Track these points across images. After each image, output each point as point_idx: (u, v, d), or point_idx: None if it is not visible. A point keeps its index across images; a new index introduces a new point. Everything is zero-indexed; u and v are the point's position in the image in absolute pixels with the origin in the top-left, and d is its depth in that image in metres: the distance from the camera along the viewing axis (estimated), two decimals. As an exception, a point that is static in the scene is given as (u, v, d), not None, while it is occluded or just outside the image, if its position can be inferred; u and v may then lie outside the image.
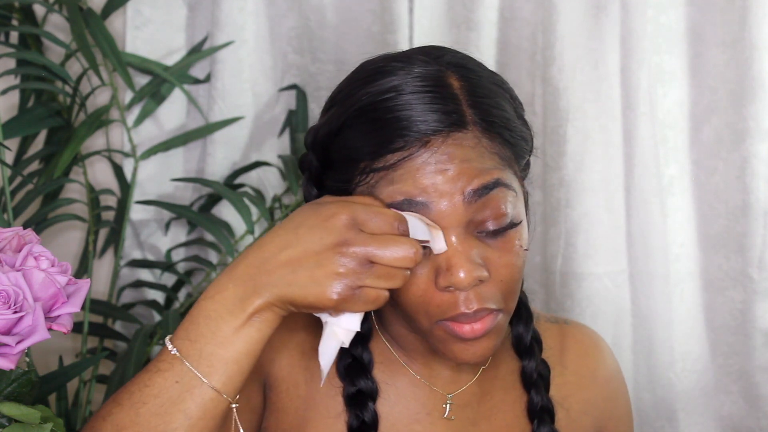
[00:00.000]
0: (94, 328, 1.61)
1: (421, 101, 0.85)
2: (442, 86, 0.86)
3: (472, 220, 0.85)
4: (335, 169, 0.89)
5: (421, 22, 1.68)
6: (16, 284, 0.81)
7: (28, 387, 0.88)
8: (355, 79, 0.90)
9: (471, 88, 0.88)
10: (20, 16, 1.60)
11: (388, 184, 0.85)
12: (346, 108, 0.88)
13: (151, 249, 1.78)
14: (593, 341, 1.08)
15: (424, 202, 0.84)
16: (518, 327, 1.02)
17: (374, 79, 0.87)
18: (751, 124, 1.61)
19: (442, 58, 0.90)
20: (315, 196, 0.93)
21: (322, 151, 0.91)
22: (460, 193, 0.84)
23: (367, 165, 0.86)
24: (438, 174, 0.84)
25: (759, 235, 1.62)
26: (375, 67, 0.89)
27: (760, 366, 1.64)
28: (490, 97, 0.88)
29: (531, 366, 1.00)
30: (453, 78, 0.88)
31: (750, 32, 1.59)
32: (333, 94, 0.93)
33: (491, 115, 0.87)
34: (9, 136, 1.51)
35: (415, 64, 0.88)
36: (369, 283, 0.79)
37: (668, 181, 1.67)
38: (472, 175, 0.84)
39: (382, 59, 0.91)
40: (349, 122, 0.87)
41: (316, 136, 0.92)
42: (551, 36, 1.62)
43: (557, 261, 1.66)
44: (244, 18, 1.70)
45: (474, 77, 0.89)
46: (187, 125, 1.77)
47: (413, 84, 0.86)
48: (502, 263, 0.87)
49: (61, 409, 1.47)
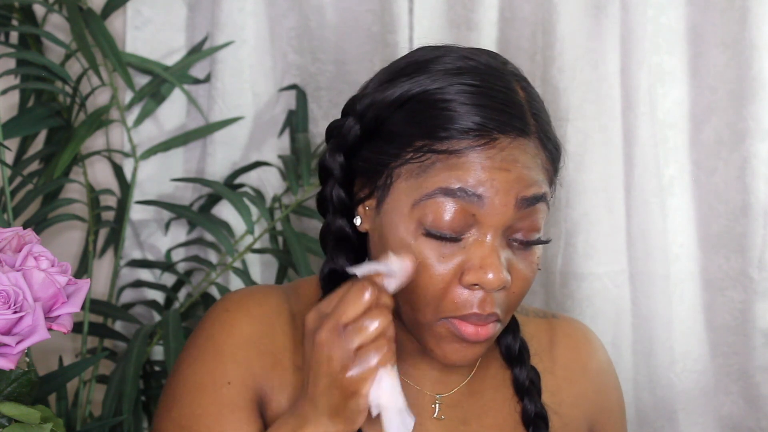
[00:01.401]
0: (94, 328, 1.61)
1: (495, 99, 0.87)
2: (511, 90, 0.89)
3: (512, 226, 0.87)
4: (383, 139, 0.89)
5: (421, 22, 1.68)
6: (16, 284, 0.81)
7: (28, 387, 0.88)
8: (423, 59, 0.91)
9: (531, 101, 0.90)
10: (20, 16, 1.60)
11: (447, 169, 0.85)
12: (416, 84, 0.88)
13: (151, 249, 1.78)
14: (583, 334, 1.08)
15: (480, 195, 0.85)
16: (507, 337, 1.01)
17: (447, 63, 0.89)
18: (751, 124, 1.61)
19: (507, 65, 0.92)
20: (340, 164, 0.93)
21: (374, 120, 0.90)
22: (513, 196, 0.86)
23: (426, 144, 0.86)
24: (500, 171, 0.85)
25: (759, 235, 1.62)
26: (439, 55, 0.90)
27: (760, 366, 1.64)
28: (544, 112, 0.92)
29: (523, 374, 1.00)
30: (518, 86, 0.90)
31: (750, 32, 1.59)
32: (394, 68, 0.92)
33: (547, 131, 0.90)
34: (9, 136, 1.51)
35: (488, 63, 0.90)
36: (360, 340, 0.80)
37: (668, 181, 1.67)
38: (530, 182, 0.86)
39: (446, 48, 0.92)
40: (417, 98, 0.87)
41: (370, 103, 0.91)
42: (551, 36, 1.62)
43: (557, 261, 1.66)
44: (244, 18, 1.70)
45: (532, 91, 0.92)
46: (187, 125, 1.77)
47: (487, 81, 0.88)
48: (521, 276, 0.89)
49: (61, 409, 1.47)
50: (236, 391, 0.92)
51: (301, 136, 1.68)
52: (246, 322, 0.95)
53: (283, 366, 0.95)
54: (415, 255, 0.86)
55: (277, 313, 0.97)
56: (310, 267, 1.54)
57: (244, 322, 0.95)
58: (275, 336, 0.96)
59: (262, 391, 0.94)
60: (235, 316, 0.96)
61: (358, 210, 0.93)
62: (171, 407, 0.94)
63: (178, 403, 0.93)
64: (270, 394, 0.94)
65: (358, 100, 0.93)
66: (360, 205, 0.93)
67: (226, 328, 0.95)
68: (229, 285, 1.68)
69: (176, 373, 0.96)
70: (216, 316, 0.97)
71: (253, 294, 1.00)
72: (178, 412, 0.93)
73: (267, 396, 0.94)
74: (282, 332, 0.96)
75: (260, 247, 1.66)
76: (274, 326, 0.96)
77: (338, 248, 0.95)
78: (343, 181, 0.93)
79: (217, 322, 0.96)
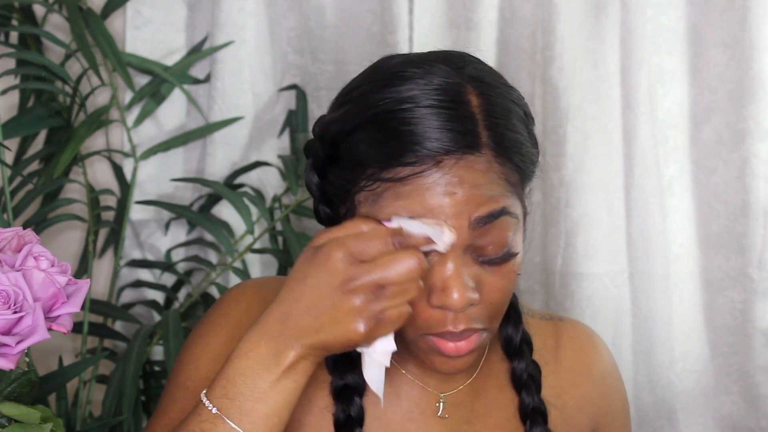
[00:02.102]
0: (94, 328, 1.61)
1: (438, 118, 0.84)
2: (460, 103, 0.85)
3: (473, 244, 0.86)
4: (341, 167, 0.89)
5: (421, 22, 1.68)
6: (16, 284, 0.81)
7: (28, 387, 0.88)
8: (372, 80, 0.89)
9: (488, 107, 0.87)
10: (20, 16, 1.60)
11: (394, 198, 0.84)
12: (360, 110, 0.87)
13: (150, 249, 1.78)
14: (588, 337, 1.08)
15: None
16: (507, 328, 1.01)
17: (392, 84, 0.86)
18: (751, 124, 1.61)
19: (463, 70, 0.89)
20: (316, 184, 0.93)
21: (331, 146, 0.90)
22: (466, 218, 0.84)
23: (375, 172, 0.85)
24: (446, 196, 0.83)
25: (759, 235, 1.62)
26: (394, 71, 0.88)
27: (760, 366, 1.64)
28: (506, 117, 0.87)
29: (521, 367, 1.00)
30: (472, 94, 0.87)
31: (750, 32, 1.59)
32: (348, 89, 0.91)
33: (505, 139, 0.86)
34: (9, 136, 1.51)
35: (435, 73, 0.87)
36: (387, 306, 0.81)
37: (668, 181, 1.67)
38: (480, 201, 0.84)
39: (402, 62, 0.90)
40: (362, 126, 0.86)
41: (325, 129, 0.91)
42: (551, 36, 1.62)
43: (557, 261, 1.66)
44: (244, 18, 1.70)
45: (492, 94, 0.88)
46: (187, 125, 1.77)
47: (431, 97, 0.85)
48: (495, 288, 0.88)
49: (61, 409, 1.47)
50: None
51: (301, 136, 1.69)
52: (262, 308, 0.94)
53: None
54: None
55: None
56: (310, 267, 1.54)
57: (261, 307, 0.94)
58: None
59: None
60: (251, 299, 0.98)
61: None
62: (178, 373, 0.96)
63: (188, 366, 0.95)
64: None
65: (319, 123, 0.93)
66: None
67: (244, 309, 0.97)
68: (229, 285, 1.68)
69: (188, 346, 0.97)
70: (232, 297, 0.99)
71: (269, 282, 1.01)
72: (185, 376, 0.95)
73: None
74: None
75: (260, 247, 1.66)
76: None
77: None
78: (323, 199, 0.94)
79: (233, 303, 0.98)
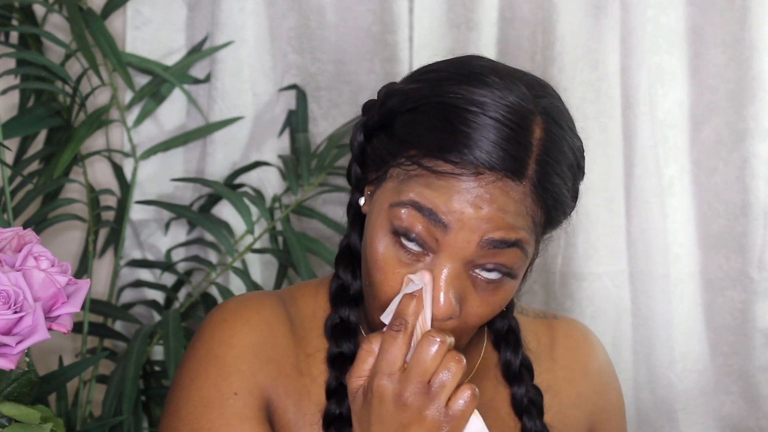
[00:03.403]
0: (94, 328, 1.61)
1: (497, 133, 0.84)
2: (524, 129, 0.85)
3: (474, 261, 0.85)
4: (389, 137, 0.89)
5: (421, 22, 1.68)
6: (16, 284, 0.81)
7: (28, 387, 0.88)
8: (453, 70, 0.89)
9: (547, 144, 0.86)
10: (20, 16, 1.60)
11: (425, 186, 0.84)
12: (429, 93, 0.87)
13: (151, 249, 1.78)
14: (583, 335, 1.08)
15: (445, 224, 0.84)
16: (506, 353, 1.01)
17: (470, 83, 0.86)
18: (751, 124, 1.61)
19: (540, 100, 0.88)
20: (359, 143, 0.93)
21: (388, 114, 0.90)
22: (479, 235, 0.84)
23: (417, 155, 0.85)
24: (471, 207, 0.83)
25: (759, 235, 1.62)
26: (477, 72, 0.88)
27: (760, 366, 1.65)
28: (559, 161, 0.87)
29: (521, 393, 0.99)
30: (538, 125, 0.86)
31: (750, 32, 1.59)
32: (427, 68, 0.91)
33: (549, 181, 0.86)
34: (9, 136, 1.51)
35: (513, 91, 0.86)
36: (446, 394, 0.83)
37: (668, 181, 1.67)
38: (500, 225, 0.84)
39: (488, 67, 0.89)
40: (425, 108, 0.86)
41: (389, 97, 0.90)
42: (551, 36, 1.62)
43: (557, 261, 1.66)
44: (244, 18, 1.70)
45: (556, 134, 0.87)
46: (187, 125, 1.77)
47: (500, 111, 0.84)
48: (476, 312, 0.88)
49: (61, 409, 1.47)
50: (243, 401, 0.92)
51: (301, 136, 1.69)
52: (246, 332, 0.94)
53: (287, 371, 0.95)
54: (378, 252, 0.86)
55: (275, 319, 0.96)
56: (310, 267, 1.54)
57: (244, 332, 0.94)
58: (276, 342, 0.95)
59: (269, 398, 0.94)
60: (233, 326, 0.95)
61: (365, 191, 0.93)
62: (178, 425, 0.93)
63: (185, 420, 0.92)
64: (276, 401, 0.94)
65: (390, 86, 0.92)
66: (367, 186, 0.93)
67: (227, 339, 0.94)
68: (229, 285, 1.68)
69: (179, 388, 0.94)
70: (214, 327, 0.96)
71: (249, 302, 0.98)
72: (186, 429, 0.92)
73: (273, 403, 0.94)
74: (283, 337, 0.96)
75: (260, 247, 1.66)
76: (275, 332, 0.96)
77: (354, 223, 0.96)
78: (360, 159, 0.94)
79: (216, 334, 0.95)
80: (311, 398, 0.94)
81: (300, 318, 0.98)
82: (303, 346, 0.96)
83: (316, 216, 1.61)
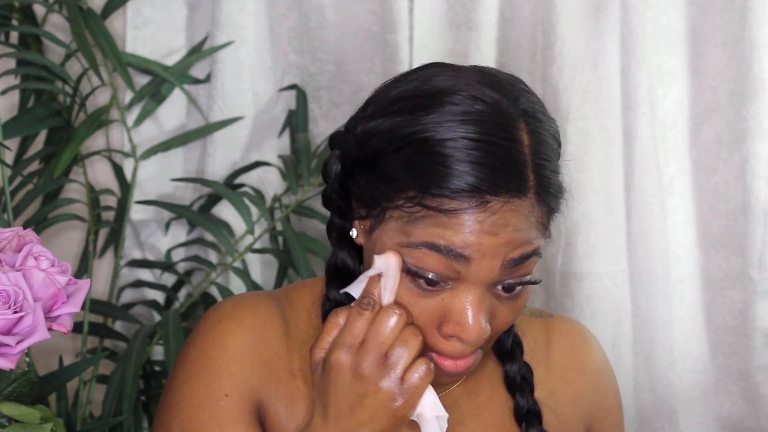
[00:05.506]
0: (94, 328, 1.61)
1: (492, 157, 0.83)
2: (514, 142, 0.84)
3: (496, 280, 0.86)
4: (377, 177, 0.87)
5: (421, 22, 1.68)
6: (16, 284, 0.81)
7: (28, 387, 0.88)
8: (420, 97, 0.87)
9: (537, 147, 0.86)
10: (20, 16, 1.60)
11: (435, 225, 0.84)
12: (412, 130, 0.85)
13: (151, 249, 1.78)
14: (579, 333, 1.07)
15: (466, 257, 0.83)
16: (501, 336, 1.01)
17: (442, 107, 0.85)
18: (751, 124, 1.61)
19: (517, 102, 0.87)
20: (336, 174, 0.92)
21: (372, 153, 0.88)
22: (501, 258, 0.84)
23: (417, 196, 0.84)
24: (489, 236, 0.83)
25: (759, 235, 1.62)
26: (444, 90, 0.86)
27: (760, 366, 1.64)
28: (550, 158, 0.87)
29: (514, 369, 1.00)
30: (524, 132, 0.85)
31: (750, 32, 1.59)
32: (397, 95, 0.88)
33: (548, 183, 0.87)
34: (9, 136, 1.51)
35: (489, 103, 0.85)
36: (402, 367, 0.84)
37: (668, 181, 1.67)
38: (518, 244, 0.85)
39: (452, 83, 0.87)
40: (412, 147, 0.85)
41: (368, 137, 0.88)
42: (551, 36, 1.62)
43: (557, 261, 1.66)
44: (244, 18, 1.70)
45: (541, 132, 0.87)
46: (187, 125, 1.77)
47: (489, 134, 0.84)
48: (505, 321, 0.89)
49: (61, 409, 1.47)
50: (234, 403, 0.92)
51: (301, 136, 1.69)
52: (239, 333, 0.95)
53: (279, 374, 0.95)
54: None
55: (269, 321, 0.96)
56: (310, 267, 1.54)
57: (237, 334, 0.95)
58: (269, 344, 0.95)
59: (260, 400, 0.94)
60: (227, 327, 0.95)
61: (354, 223, 0.92)
62: (169, 424, 0.94)
63: (176, 419, 0.93)
64: (268, 403, 0.94)
65: (360, 121, 0.90)
66: (356, 219, 0.92)
67: (219, 341, 0.94)
68: (229, 285, 1.68)
69: (172, 388, 0.95)
70: (208, 328, 0.96)
71: (243, 303, 0.98)
72: (177, 428, 0.93)
73: (265, 405, 0.94)
74: (276, 339, 0.96)
75: (260, 247, 1.66)
76: (268, 334, 0.96)
77: (340, 244, 0.96)
78: (339, 190, 0.93)
79: (209, 335, 0.95)
80: (304, 400, 0.94)
81: (295, 319, 0.98)
82: (297, 347, 0.96)
83: (316, 216, 1.61)
